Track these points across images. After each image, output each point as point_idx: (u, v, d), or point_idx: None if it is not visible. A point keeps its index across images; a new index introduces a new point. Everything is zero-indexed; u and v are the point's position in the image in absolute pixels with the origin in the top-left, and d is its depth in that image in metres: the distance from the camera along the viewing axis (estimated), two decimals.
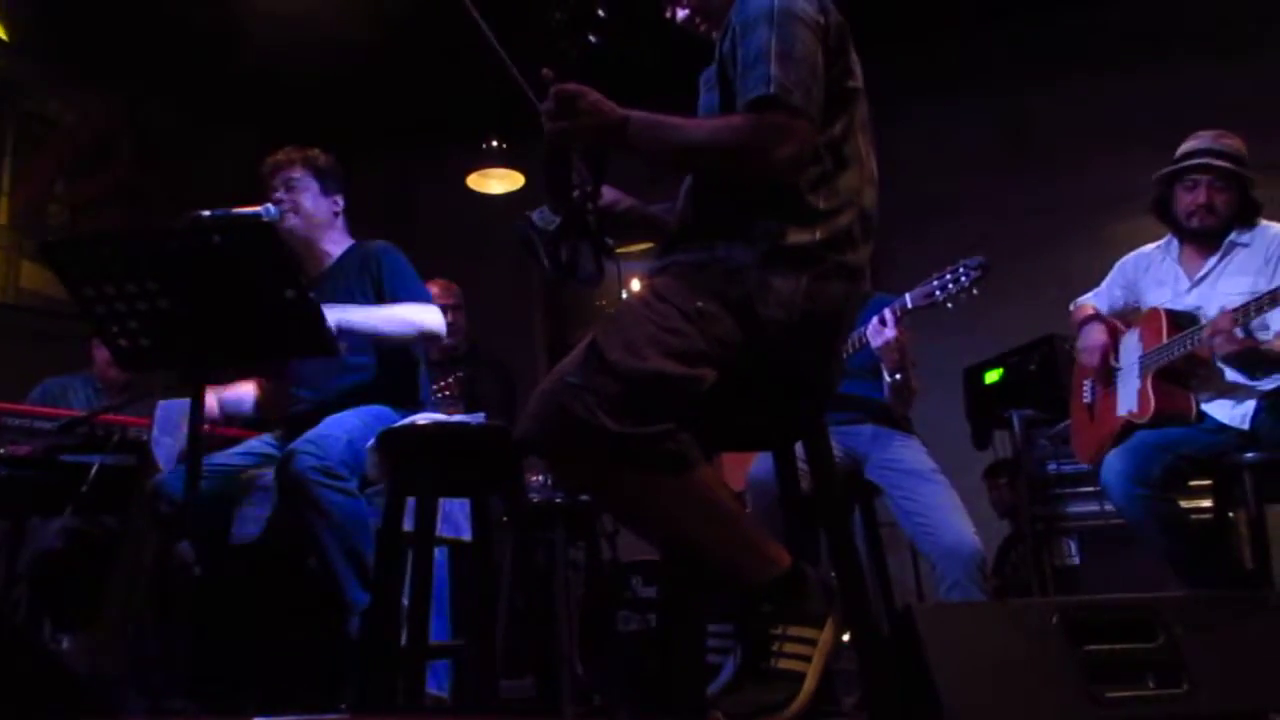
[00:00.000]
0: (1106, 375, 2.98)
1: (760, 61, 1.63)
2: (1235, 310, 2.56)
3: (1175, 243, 2.90)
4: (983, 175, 5.28)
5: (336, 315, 2.49)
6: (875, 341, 2.89)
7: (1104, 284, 3.10)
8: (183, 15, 4.98)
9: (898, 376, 2.93)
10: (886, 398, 3.01)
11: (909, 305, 2.87)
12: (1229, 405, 2.66)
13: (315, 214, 2.87)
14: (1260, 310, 2.53)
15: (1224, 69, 4.80)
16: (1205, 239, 2.81)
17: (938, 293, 2.82)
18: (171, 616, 2.54)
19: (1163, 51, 5.02)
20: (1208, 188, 2.75)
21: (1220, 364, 2.68)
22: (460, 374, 3.73)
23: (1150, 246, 3.00)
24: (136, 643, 2.83)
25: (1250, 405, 2.62)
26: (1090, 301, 3.12)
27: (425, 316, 2.75)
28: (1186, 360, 2.70)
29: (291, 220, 2.82)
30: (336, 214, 2.93)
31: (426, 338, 2.77)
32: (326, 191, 2.90)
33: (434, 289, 4.02)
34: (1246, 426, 2.62)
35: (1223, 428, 2.66)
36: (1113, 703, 1.71)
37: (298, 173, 2.86)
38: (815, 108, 1.65)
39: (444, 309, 4.01)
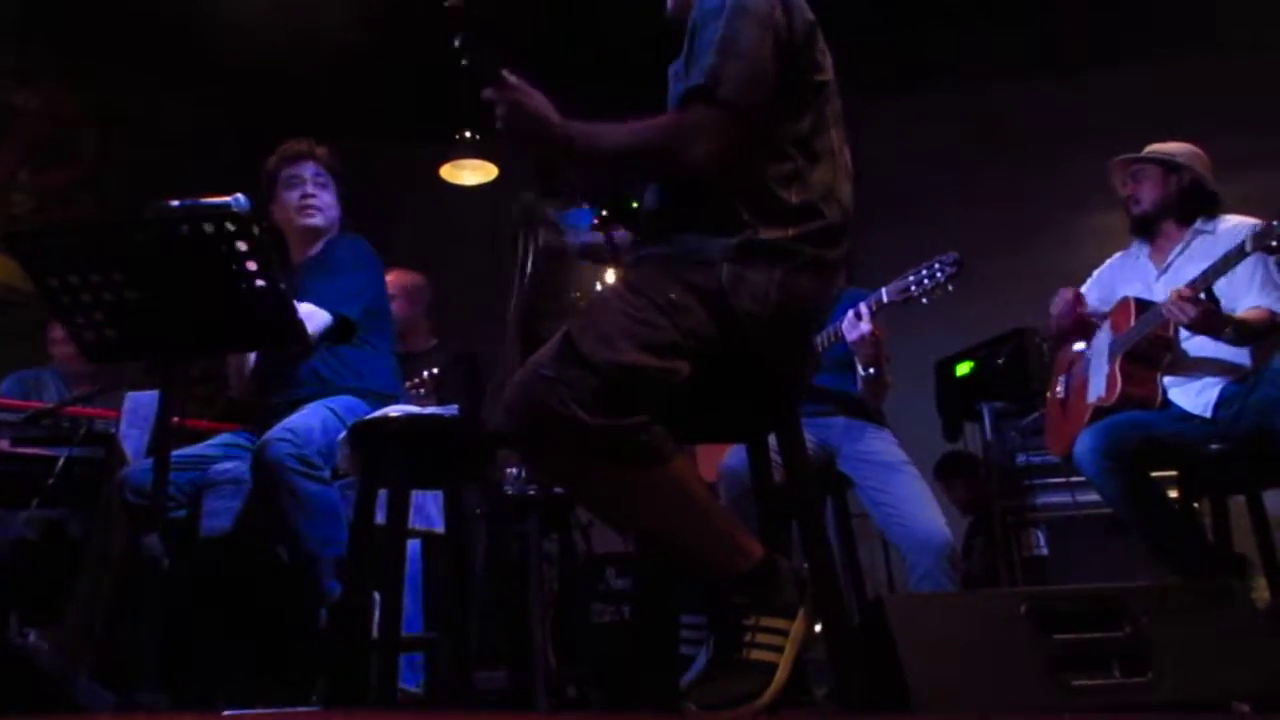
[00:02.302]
0: (1078, 364, 3.03)
1: (704, 54, 1.65)
2: (1191, 282, 2.63)
3: (1146, 243, 2.99)
4: (954, 171, 5.32)
5: None
6: (850, 335, 2.91)
7: (1083, 289, 3.16)
8: (152, 5, 4.92)
9: (872, 370, 2.95)
10: (860, 391, 3.02)
11: (884, 300, 2.89)
12: (1193, 393, 2.71)
13: (332, 217, 2.93)
14: (1216, 275, 2.60)
15: (1193, 68, 4.86)
16: (1149, 229, 2.94)
17: (913, 288, 2.84)
18: (140, 610, 2.51)
19: (1132, 51, 5.07)
20: (1131, 180, 2.96)
21: (1184, 346, 2.73)
22: (433, 371, 3.68)
23: (1120, 253, 3.10)
24: (104, 637, 2.81)
25: (1213, 394, 2.67)
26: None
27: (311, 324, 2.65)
28: (1151, 342, 2.75)
29: (318, 220, 2.88)
30: (339, 217, 2.97)
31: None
32: (339, 196, 2.96)
33: (388, 277, 4.00)
34: (1209, 415, 2.66)
35: (1187, 416, 2.70)
36: (1079, 691, 1.74)
37: (323, 171, 2.92)
38: (748, 102, 1.64)
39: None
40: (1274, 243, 2.48)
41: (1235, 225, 2.78)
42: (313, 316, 2.63)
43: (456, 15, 1.82)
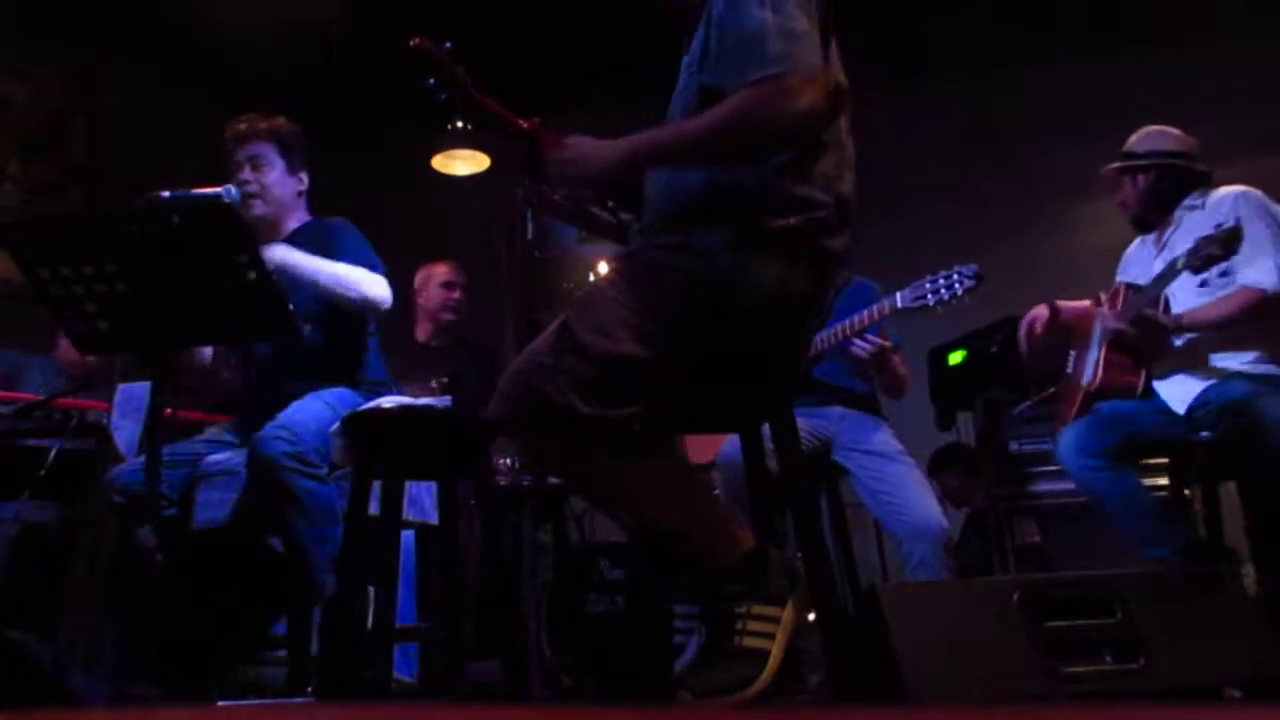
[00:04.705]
0: (1084, 341, 3.06)
1: (760, 40, 1.60)
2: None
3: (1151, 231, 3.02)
4: (947, 160, 5.30)
5: (280, 255, 2.46)
6: (853, 351, 2.93)
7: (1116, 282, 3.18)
8: None
9: (883, 372, 2.98)
10: (878, 389, 3.05)
11: (899, 305, 2.83)
12: (1176, 389, 2.72)
13: (282, 196, 2.78)
14: (1159, 288, 2.70)
15: (1186, 56, 4.85)
16: (1144, 225, 2.98)
17: (929, 298, 2.78)
18: (133, 602, 2.51)
19: (1125, 38, 5.06)
20: (1115, 188, 2.99)
21: (1176, 344, 2.74)
22: (446, 378, 3.67)
23: (1137, 239, 3.10)
24: (98, 629, 2.80)
25: (1192, 392, 2.68)
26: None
27: (372, 283, 2.63)
28: (1138, 324, 2.77)
29: (259, 208, 2.73)
30: (301, 193, 2.84)
31: (367, 305, 2.64)
32: (292, 170, 2.80)
33: (443, 266, 4.13)
34: (1182, 412, 2.68)
35: (1166, 409, 2.72)
36: (1071, 677, 1.75)
37: (263, 148, 2.75)
38: (822, 76, 1.61)
39: (455, 285, 4.07)
40: (1197, 263, 2.57)
41: (1220, 197, 2.78)
42: (373, 281, 2.62)
43: (422, 53, 1.83)
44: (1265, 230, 2.65)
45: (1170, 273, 2.67)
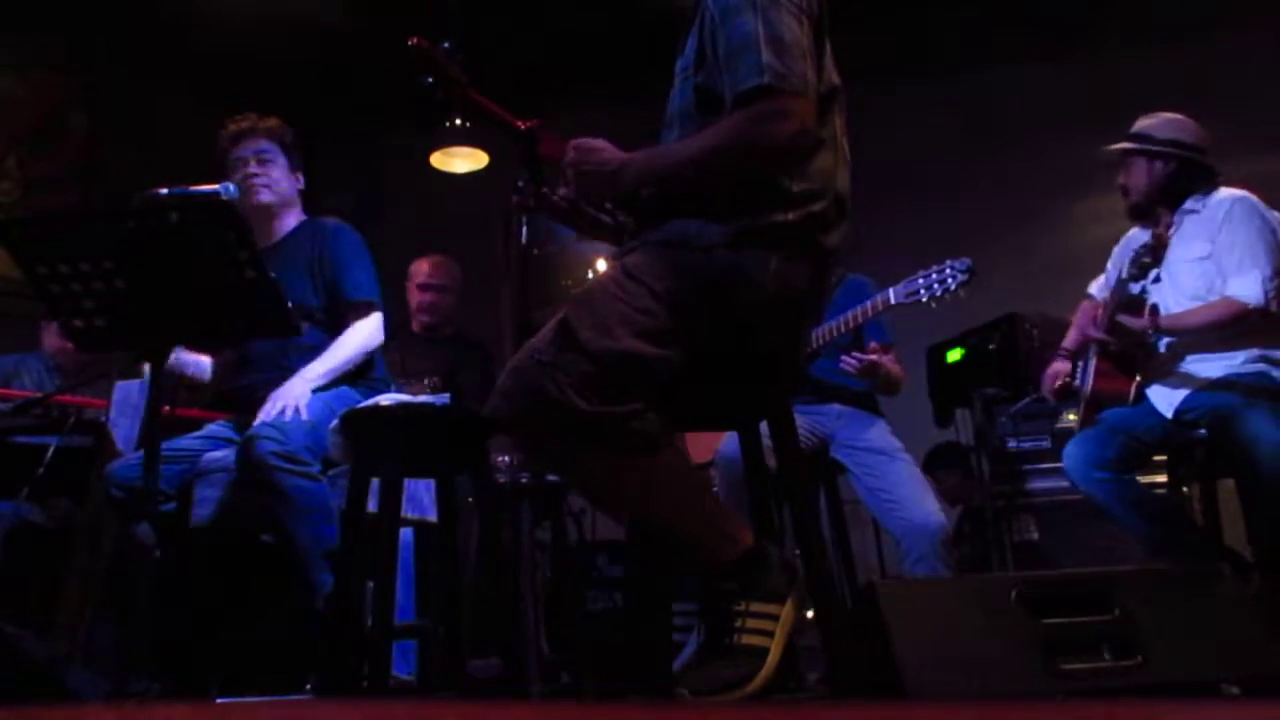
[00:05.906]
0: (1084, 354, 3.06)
1: (749, 50, 1.62)
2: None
3: (1148, 227, 2.97)
4: (945, 156, 5.31)
5: (307, 385, 2.56)
6: (842, 367, 2.93)
7: (1106, 270, 3.13)
8: None
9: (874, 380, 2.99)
10: (874, 389, 3.05)
11: (892, 301, 2.82)
12: (1165, 393, 2.72)
13: (286, 191, 2.83)
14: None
15: (1185, 56, 4.85)
16: (1144, 216, 2.90)
17: (922, 293, 2.77)
18: (131, 599, 2.51)
19: (1128, 35, 5.06)
20: (1122, 170, 2.90)
21: (1162, 349, 2.75)
22: (440, 378, 3.67)
23: (1130, 232, 3.04)
24: (96, 626, 2.80)
25: (1179, 396, 2.68)
26: (1090, 292, 3.15)
27: (369, 334, 2.73)
28: (1112, 332, 2.78)
29: (265, 195, 2.77)
30: (299, 192, 2.89)
31: (372, 351, 2.77)
32: (292, 168, 2.86)
33: (425, 266, 4.05)
34: (1169, 415, 2.68)
35: (1157, 413, 2.72)
36: (1069, 674, 1.75)
37: (266, 145, 2.80)
38: (812, 89, 1.64)
39: (428, 288, 4.02)
40: (1135, 272, 2.70)
41: (1218, 202, 2.75)
42: (368, 332, 2.70)
43: (420, 52, 1.83)
44: (1257, 240, 2.63)
45: (1120, 285, 2.73)
